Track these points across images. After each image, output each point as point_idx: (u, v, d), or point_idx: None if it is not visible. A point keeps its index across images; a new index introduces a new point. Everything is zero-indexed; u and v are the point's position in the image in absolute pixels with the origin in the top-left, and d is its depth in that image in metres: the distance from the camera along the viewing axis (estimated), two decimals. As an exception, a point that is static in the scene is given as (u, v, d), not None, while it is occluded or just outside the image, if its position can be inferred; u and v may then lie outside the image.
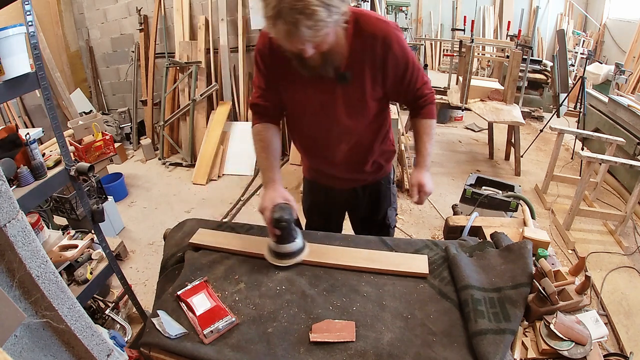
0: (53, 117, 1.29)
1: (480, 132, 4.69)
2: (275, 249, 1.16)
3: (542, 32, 6.34)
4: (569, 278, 1.00)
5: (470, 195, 2.15)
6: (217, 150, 3.89)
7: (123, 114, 4.62)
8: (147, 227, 3.07)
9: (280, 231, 1.11)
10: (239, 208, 3.30)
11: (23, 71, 1.18)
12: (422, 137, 1.30)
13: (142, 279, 2.48)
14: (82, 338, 0.85)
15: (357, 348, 0.89)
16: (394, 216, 1.55)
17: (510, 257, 1.08)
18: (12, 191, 0.76)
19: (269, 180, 1.20)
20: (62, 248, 1.54)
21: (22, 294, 0.76)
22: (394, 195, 1.53)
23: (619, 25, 5.74)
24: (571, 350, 0.86)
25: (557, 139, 3.11)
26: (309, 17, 0.86)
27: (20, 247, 0.73)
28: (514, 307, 0.94)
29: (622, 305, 2.09)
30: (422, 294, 1.04)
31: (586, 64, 4.09)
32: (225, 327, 0.95)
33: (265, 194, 1.17)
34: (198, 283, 1.07)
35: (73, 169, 1.38)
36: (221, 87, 4.08)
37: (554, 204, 3.11)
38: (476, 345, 0.86)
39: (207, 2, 3.92)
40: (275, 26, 0.89)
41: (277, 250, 1.15)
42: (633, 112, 3.10)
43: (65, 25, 4.59)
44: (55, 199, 2.35)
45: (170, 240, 1.31)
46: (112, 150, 3.34)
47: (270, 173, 1.21)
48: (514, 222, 1.42)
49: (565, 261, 2.46)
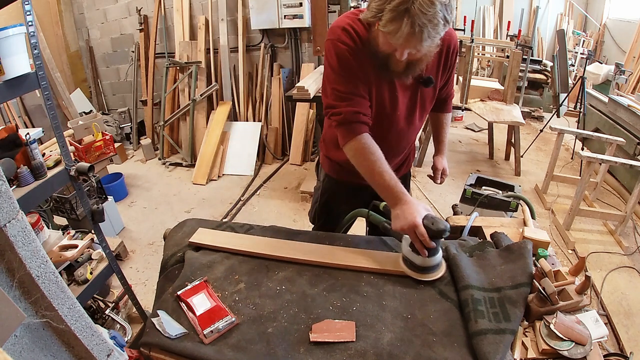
0: (53, 117, 1.29)
1: (480, 132, 4.69)
2: (423, 264, 1.06)
3: (542, 32, 6.33)
4: (569, 278, 1.00)
5: (470, 195, 2.15)
6: (217, 150, 3.89)
7: (123, 114, 4.62)
8: (147, 227, 3.07)
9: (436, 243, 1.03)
10: (239, 208, 3.30)
11: (23, 71, 1.18)
12: (443, 128, 1.47)
13: (142, 279, 2.48)
14: (82, 338, 0.85)
15: (357, 348, 0.89)
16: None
17: (510, 257, 1.08)
18: (12, 191, 0.76)
19: (400, 195, 1.08)
20: (62, 248, 1.54)
21: (22, 294, 0.76)
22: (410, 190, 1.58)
23: (619, 25, 5.73)
24: (571, 350, 0.85)
25: (557, 139, 3.11)
26: (434, 27, 0.88)
27: (20, 247, 0.73)
28: (514, 307, 0.94)
29: (622, 305, 2.09)
30: (422, 294, 1.04)
31: (586, 64, 4.09)
32: (225, 327, 0.95)
33: (404, 210, 1.05)
34: (198, 283, 1.07)
35: (73, 169, 1.38)
36: (221, 87, 4.09)
37: (554, 204, 3.11)
38: (476, 345, 0.86)
39: (207, 2, 3.93)
40: (395, 22, 0.88)
41: (426, 264, 1.06)
42: (633, 112, 3.10)
43: (65, 25, 4.59)
44: (55, 199, 2.35)
45: (170, 240, 1.31)
46: (112, 150, 3.34)
47: (398, 187, 1.09)
48: (514, 222, 1.41)
49: (565, 261, 2.46)
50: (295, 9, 3.51)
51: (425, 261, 1.05)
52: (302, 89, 2.87)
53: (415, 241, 1.03)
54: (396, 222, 1.06)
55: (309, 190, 3.21)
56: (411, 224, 1.01)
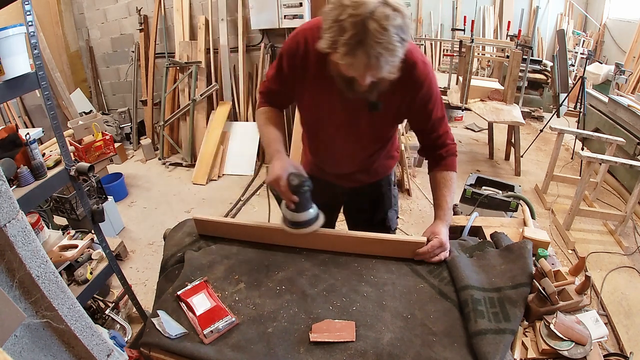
0: (53, 117, 1.29)
1: (480, 132, 4.69)
2: (292, 219, 1.13)
3: (542, 32, 6.33)
4: (569, 278, 1.00)
5: (470, 195, 2.15)
6: (217, 150, 3.89)
7: (123, 114, 4.62)
8: (147, 227, 3.07)
9: (299, 198, 1.09)
10: (239, 208, 3.30)
11: (23, 71, 1.18)
12: (442, 190, 1.22)
13: (142, 279, 2.48)
14: (82, 338, 0.85)
15: (357, 348, 0.89)
16: (394, 218, 1.55)
17: (510, 257, 1.08)
18: (12, 191, 0.76)
19: (275, 151, 1.17)
20: (62, 248, 1.54)
21: (22, 294, 0.76)
22: (395, 197, 1.53)
23: (619, 25, 5.73)
24: (571, 350, 0.85)
25: (557, 139, 3.11)
26: (391, 54, 0.86)
27: (20, 247, 0.73)
28: (514, 307, 0.94)
29: (622, 305, 2.09)
30: (422, 294, 1.04)
31: (586, 64, 4.09)
32: (225, 327, 0.95)
33: (274, 164, 1.12)
34: (198, 283, 1.07)
35: (73, 169, 1.38)
36: (221, 87, 4.08)
37: (554, 204, 3.11)
38: (476, 345, 0.86)
39: (207, 2, 3.93)
40: (351, 54, 0.86)
41: (295, 219, 1.13)
42: (633, 112, 3.10)
43: (65, 25, 4.59)
44: (55, 199, 2.35)
45: (170, 240, 1.31)
46: (112, 150, 3.34)
47: (277, 145, 1.19)
48: (514, 222, 1.42)
49: (565, 261, 2.46)
50: (295, 9, 3.51)
51: (294, 216, 1.13)
52: (302, 89, 2.86)
53: (282, 195, 1.10)
54: (267, 177, 1.13)
55: (309, 190, 3.20)
56: (276, 177, 1.08)
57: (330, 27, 0.87)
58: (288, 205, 1.11)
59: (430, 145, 1.26)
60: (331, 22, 0.87)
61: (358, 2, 0.83)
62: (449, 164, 1.24)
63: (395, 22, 0.84)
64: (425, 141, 1.27)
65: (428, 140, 1.26)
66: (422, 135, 1.26)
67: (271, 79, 1.23)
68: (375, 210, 1.50)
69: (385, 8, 0.83)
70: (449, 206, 1.21)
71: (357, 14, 0.83)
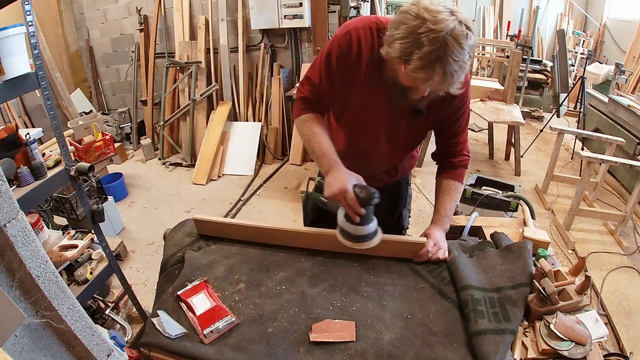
0: (53, 117, 1.29)
1: (480, 132, 4.69)
2: (356, 232, 1.07)
3: (542, 32, 6.34)
4: (569, 278, 1.00)
5: (470, 195, 2.15)
6: (217, 150, 3.89)
7: (123, 114, 4.62)
8: (147, 227, 3.07)
9: (366, 211, 1.04)
10: (239, 208, 3.31)
11: (23, 71, 1.18)
12: (444, 197, 1.23)
13: (142, 279, 2.48)
14: (82, 338, 0.85)
15: (357, 348, 0.89)
16: (407, 217, 1.55)
17: (510, 257, 1.08)
18: (12, 191, 0.76)
19: (333, 162, 1.11)
20: (62, 248, 1.54)
21: (22, 294, 0.76)
22: (410, 196, 1.55)
23: (619, 25, 5.74)
24: (571, 350, 0.85)
25: (557, 139, 3.11)
26: (463, 71, 0.88)
27: (20, 247, 0.73)
28: (514, 307, 0.94)
29: (622, 305, 2.09)
30: (422, 294, 1.04)
31: (586, 64, 4.09)
32: (225, 327, 0.95)
33: (336, 176, 1.07)
34: (198, 283, 1.07)
35: (73, 169, 1.38)
36: (221, 87, 4.08)
37: (554, 204, 3.11)
38: (476, 345, 0.86)
39: (207, 2, 3.93)
40: (426, 70, 0.86)
41: (359, 232, 1.07)
42: (633, 112, 3.10)
43: (65, 25, 4.59)
44: (55, 199, 2.35)
45: (170, 240, 1.31)
46: (112, 150, 3.34)
47: (333, 155, 1.12)
48: (514, 222, 1.42)
49: (565, 261, 2.46)
50: (295, 9, 3.51)
51: (358, 229, 1.07)
52: (302, 89, 2.86)
53: (347, 208, 1.04)
54: (328, 189, 1.07)
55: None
56: (341, 190, 1.03)
57: (405, 37, 0.87)
58: (353, 219, 1.05)
59: (446, 150, 1.27)
60: (406, 32, 0.87)
61: (437, 19, 0.83)
62: (459, 174, 1.26)
63: (469, 42, 0.86)
64: (443, 145, 1.28)
65: (446, 145, 1.26)
66: (442, 139, 1.27)
67: (317, 80, 1.15)
68: (393, 209, 1.50)
69: (461, 26, 0.85)
70: (449, 214, 1.22)
71: (437, 29, 0.83)
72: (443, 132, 1.25)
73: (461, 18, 0.85)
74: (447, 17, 0.84)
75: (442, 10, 0.85)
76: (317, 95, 1.18)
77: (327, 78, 1.13)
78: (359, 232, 1.07)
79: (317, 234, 1.20)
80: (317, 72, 1.14)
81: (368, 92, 1.12)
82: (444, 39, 0.83)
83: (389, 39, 0.92)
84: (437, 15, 0.84)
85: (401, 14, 0.90)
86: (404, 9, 0.90)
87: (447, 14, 0.84)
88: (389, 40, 0.92)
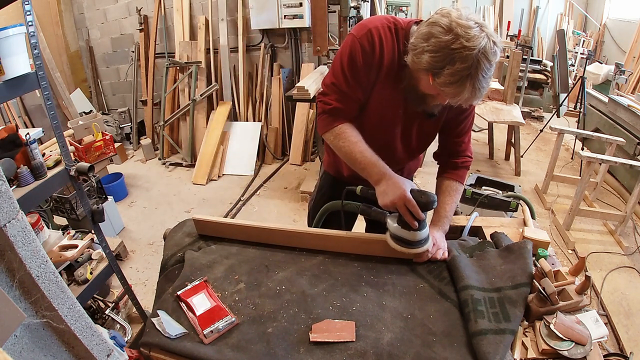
0: (53, 117, 1.29)
1: (480, 132, 4.68)
2: (412, 237, 1.05)
3: (542, 32, 6.34)
4: (569, 278, 1.00)
5: (470, 195, 2.15)
6: (217, 150, 3.89)
7: (123, 114, 4.62)
8: (147, 227, 3.07)
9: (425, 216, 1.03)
10: (239, 208, 3.31)
11: (23, 71, 1.18)
12: (445, 198, 1.22)
13: (142, 279, 2.48)
14: (82, 338, 0.85)
15: (357, 348, 0.89)
16: None
17: (510, 257, 1.08)
18: (12, 191, 0.76)
19: (383, 170, 1.08)
20: (62, 248, 1.54)
21: (22, 294, 0.76)
22: None
23: (619, 25, 5.74)
24: (571, 350, 0.85)
25: (557, 139, 3.11)
26: (488, 86, 0.91)
27: (20, 247, 0.73)
28: (514, 307, 0.94)
29: (622, 305, 2.09)
30: (422, 294, 1.04)
31: (586, 64, 4.09)
32: (225, 327, 0.95)
33: (391, 183, 1.05)
34: (198, 283, 1.07)
35: (73, 169, 1.38)
36: (221, 87, 4.09)
37: (554, 204, 3.11)
38: (476, 346, 0.86)
39: (207, 2, 3.93)
40: (456, 86, 0.88)
41: (416, 237, 1.05)
42: (633, 112, 3.10)
43: (65, 25, 4.59)
44: (55, 199, 2.35)
45: (170, 240, 1.31)
46: (112, 150, 3.34)
47: (380, 163, 1.10)
48: (514, 222, 1.41)
49: (565, 261, 2.46)
50: (295, 9, 3.51)
51: (415, 235, 1.05)
52: (302, 89, 2.87)
53: (406, 214, 1.02)
54: (384, 198, 1.05)
55: (309, 190, 3.21)
56: (401, 196, 1.01)
57: (436, 51, 0.87)
58: (411, 225, 1.03)
59: (449, 150, 1.27)
60: (438, 46, 0.87)
61: (470, 35, 0.84)
62: (460, 175, 1.26)
63: (497, 58, 0.87)
64: (446, 145, 1.28)
65: (450, 145, 1.27)
66: (446, 138, 1.27)
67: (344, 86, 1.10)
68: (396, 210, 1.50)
69: (490, 43, 0.86)
70: (448, 215, 1.21)
71: (471, 47, 0.84)
72: (448, 132, 1.25)
73: (489, 33, 0.86)
74: (479, 34, 0.84)
75: (472, 26, 0.85)
76: (346, 102, 1.12)
77: (356, 81, 1.09)
78: (417, 237, 1.06)
79: (317, 234, 1.20)
80: (342, 77, 1.09)
81: (386, 93, 1.12)
82: (476, 57, 0.84)
83: (416, 49, 0.92)
84: (470, 32, 0.84)
85: (430, 26, 0.90)
86: (432, 20, 0.91)
87: (477, 30, 0.85)
88: (417, 51, 0.91)
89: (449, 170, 1.27)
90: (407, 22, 1.06)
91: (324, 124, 1.16)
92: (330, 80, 1.13)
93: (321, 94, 1.17)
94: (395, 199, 1.02)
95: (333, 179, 1.46)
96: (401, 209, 1.03)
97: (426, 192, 1.03)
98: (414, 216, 1.02)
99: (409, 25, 1.04)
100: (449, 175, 1.26)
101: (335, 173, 1.45)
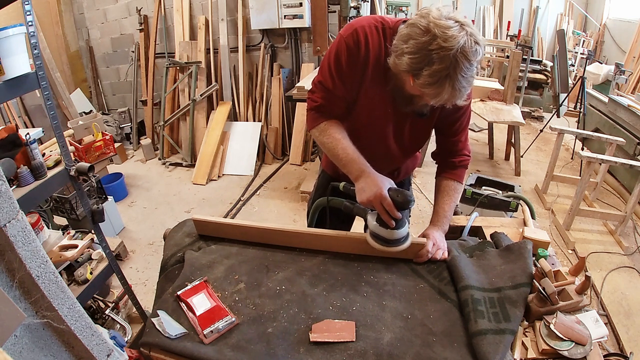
0: (53, 117, 1.29)
1: (480, 132, 4.69)
2: (390, 236, 1.05)
3: (542, 32, 6.34)
4: (569, 278, 1.00)
5: (470, 195, 2.15)
6: (217, 150, 3.89)
7: (123, 114, 4.62)
8: (147, 227, 3.07)
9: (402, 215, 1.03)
10: (239, 208, 3.31)
11: (23, 71, 1.18)
12: (444, 198, 1.22)
13: (142, 279, 2.48)
14: (82, 338, 0.85)
15: (357, 348, 0.89)
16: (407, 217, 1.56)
17: (510, 257, 1.08)
18: (12, 191, 0.76)
19: (363, 167, 1.09)
20: (62, 248, 1.54)
21: (22, 294, 0.76)
22: None
23: (619, 25, 5.74)
24: (571, 350, 0.85)
25: (557, 139, 3.11)
26: (470, 85, 0.89)
27: (20, 247, 0.73)
28: (514, 307, 0.94)
29: (622, 305, 2.09)
30: (422, 294, 1.04)
31: (586, 64, 4.09)
32: (225, 327, 0.95)
33: (369, 181, 1.05)
34: (198, 283, 1.07)
35: (73, 169, 1.38)
36: (221, 87, 4.09)
37: (554, 204, 3.11)
38: (476, 346, 0.86)
39: (207, 2, 3.93)
40: (435, 86, 0.87)
41: (394, 236, 1.05)
42: (633, 112, 3.10)
43: (65, 25, 4.59)
44: (55, 199, 2.35)
45: (170, 240, 1.31)
46: (112, 150, 3.34)
47: (361, 160, 1.10)
48: (514, 222, 1.41)
49: (565, 261, 2.46)
50: (295, 9, 3.51)
51: (392, 233, 1.05)
52: (302, 89, 2.87)
53: (382, 212, 1.02)
54: (362, 195, 1.05)
55: (309, 190, 3.21)
56: (377, 195, 1.01)
57: (415, 53, 0.86)
58: (388, 223, 1.03)
59: (447, 149, 1.26)
60: (416, 47, 0.86)
61: (447, 35, 0.83)
62: (459, 174, 1.25)
63: (478, 57, 0.86)
64: (443, 144, 1.27)
65: (447, 144, 1.26)
66: (443, 138, 1.26)
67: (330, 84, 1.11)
68: None
69: (471, 42, 0.84)
70: (448, 215, 1.21)
71: (447, 47, 0.83)
72: (444, 131, 1.24)
73: (470, 32, 0.85)
74: (457, 34, 0.83)
75: (452, 25, 0.84)
76: (331, 100, 1.14)
77: (340, 80, 1.10)
78: (394, 236, 1.05)
79: (317, 234, 1.20)
80: (328, 76, 1.11)
81: (375, 93, 1.11)
82: (454, 56, 0.83)
83: (397, 51, 0.91)
84: (447, 32, 0.83)
85: (409, 27, 0.89)
86: (412, 21, 0.90)
87: (457, 29, 0.84)
88: (398, 52, 0.91)
89: (447, 169, 1.26)
90: (394, 21, 1.05)
91: (311, 121, 1.19)
92: (317, 79, 1.15)
93: (310, 91, 1.20)
94: (372, 197, 1.03)
95: (330, 177, 1.46)
96: (377, 207, 1.03)
97: (403, 192, 1.02)
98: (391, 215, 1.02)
99: (396, 25, 1.03)
100: (448, 175, 1.26)
101: (333, 172, 1.45)
